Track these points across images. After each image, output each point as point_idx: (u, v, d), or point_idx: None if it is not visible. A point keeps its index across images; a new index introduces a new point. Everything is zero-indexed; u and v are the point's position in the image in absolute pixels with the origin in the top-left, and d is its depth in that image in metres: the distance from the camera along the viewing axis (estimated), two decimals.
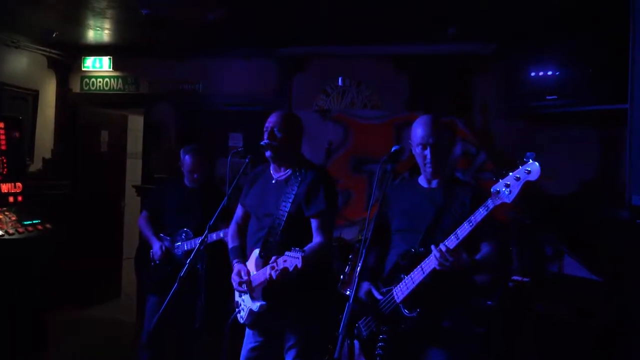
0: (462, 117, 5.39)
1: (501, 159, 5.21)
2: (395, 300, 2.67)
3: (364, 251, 2.44)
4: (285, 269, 2.65)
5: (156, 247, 4.20)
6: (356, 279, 2.40)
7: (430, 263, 2.54)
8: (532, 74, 4.76)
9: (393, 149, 2.70)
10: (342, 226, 5.25)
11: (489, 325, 4.09)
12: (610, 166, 4.96)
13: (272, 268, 2.70)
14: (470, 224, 2.46)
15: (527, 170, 2.37)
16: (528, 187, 2.41)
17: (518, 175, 2.38)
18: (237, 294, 3.08)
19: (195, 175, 4.27)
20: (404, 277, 2.65)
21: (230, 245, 3.24)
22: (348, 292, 3.62)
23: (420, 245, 2.64)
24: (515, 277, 4.50)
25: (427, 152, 2.72)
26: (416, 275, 2.60)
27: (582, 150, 5.04)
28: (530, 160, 2.37)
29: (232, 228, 3.33)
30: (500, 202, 2.41)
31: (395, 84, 5.64)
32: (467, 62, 5.40)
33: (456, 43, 5.31)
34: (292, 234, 2.91)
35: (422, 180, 2.87)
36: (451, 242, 2.49)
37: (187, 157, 4.30)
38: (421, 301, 2.62)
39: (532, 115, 5.11)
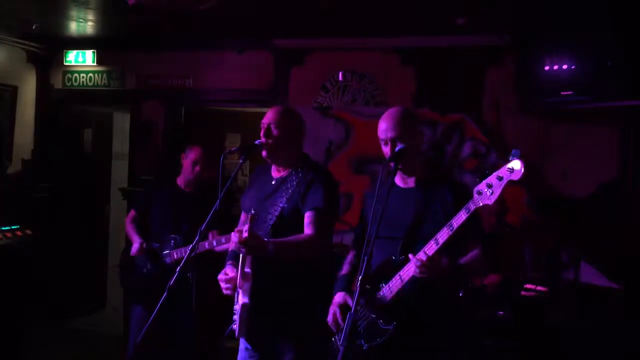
0: (472, 114, 5.41)
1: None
2: (373, 312, 2.67)
3: (365, 258, 2.46)
4: (244, 239, 2.68)
5: (135, 245, 4.21)
6: (358, 288, 2.42)
7: (409, 271, 2.53)
8: (547, 67, 4.78)
9: (397, 148, 2.71)
10: (343, 231, 5.26)
11: (500, 336, 4.11)
12: (630, 166, 4.98)
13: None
14: (451, 229, 2.45)
15: (510, 169, 2.36)
16: (544, 189, 2.42)
17: (500, 175, 2.37)
18: (235, 302, 3.10)
19: (194, 175, 4.26)
20: (382, 286, 2.65)
21: (230, 250, 3.27)
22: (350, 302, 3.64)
23: (401, 253, 2.62)
24: (528, 285, 4.52)
25: (387, 148, 2.70)
26: (394, 285, 2.59)
27: (601, 149, 5.06)
28: (515, 158, 2.34)
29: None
30: (482, 203, 2.39)
31: (400, 79, 5.66)
32: (478, 55, 5.42)
33: (466, 35, 5.33)
34: (285, 232, 2.92)
35: (398, 180, 2.83)
36: (430, 248, 2.48)
37: (192, 151, 4.30)
38: (399, 312, 2.60)
39: (547, 111, 5.13)
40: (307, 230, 2.93)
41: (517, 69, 5.24)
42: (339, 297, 2.80)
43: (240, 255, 2.94)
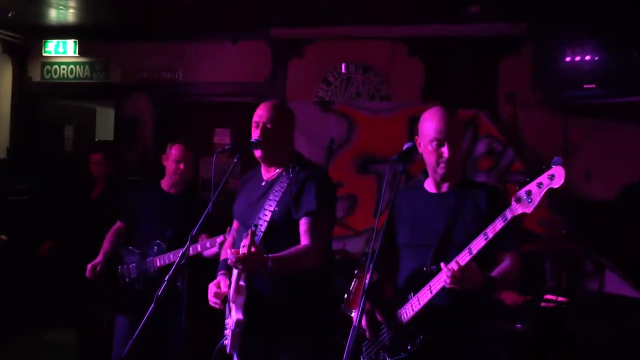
0: (486, 109, 5.39)
1: (532, 158, 5.21)
2: (400, 323, 2.69)
3: (371, 266, 2.45)
4: (242, 257, 2.65)
5: (91, 264, 4.23)
6: (363, 299, 2.41)
7: (439, 281, 2.55)
8: (568, 58, 4.76)
9: (405, 146, 2.70)
10: (346, 237, 5.26)
11: (518, 351, 4.09)
12: None
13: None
14: (486, 237, 2.48)
15: (551, 175, 2.39)
16: (563, 192, 2.42)
17: (540, 182, 2.41)
18: (226, 316, 3.09)
19: (179, 174, 4.26)
20: (411, 297, 2.66)
21: (221, 257, 3.25)
22: (353, 314, 3.62)
23: (432, 262, 2.64)
24: (548, 296, 4.50)
25: (445, 149, 2.70)
26: (423, 295, 2.61)
27: (626, 148, 5.05)
28: (557, 165, 2.38)
29: (227, 241, 3.35)
30: (520, 212, 2.43)
31: (408, 71, 5.65)
32: (493, 45, 5.41)
33: (479, 23, 5.32)
34: (277, 239, 2.90)
35: (429, 185, 2.86)
36: (463, 257, 2.50)
37: (173, 148, 4.30)
38: (427, 326, 2.62)
39: (567, 106, 5.12)
40: (304, 239, 2.91)
41: (535, 60, 5.24)
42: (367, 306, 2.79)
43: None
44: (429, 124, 2.73)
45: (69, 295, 5.40)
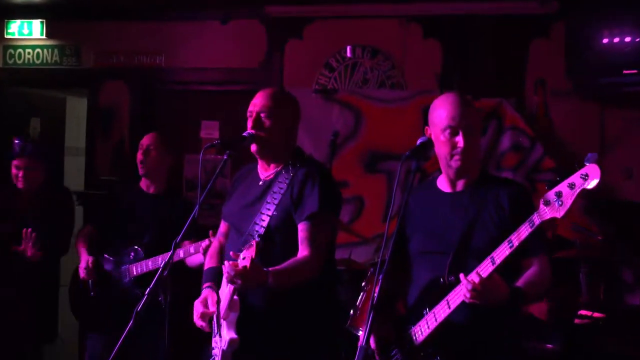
0: (512, 98, 5.40)
1: (564, 154, 5.22)
2: (413, 343, 2.69)
3: (380, 277, 2.46)
4: (243, 271, 2.64)
5: (82, 261, 4.23)
6: (371, 315, 2.42)
7: (458, 295, 2.55)
8: (605, 40, 4.76)
9: (420, 140, 2.72)
10: (352, 244, 5.26)
11: None
12: None
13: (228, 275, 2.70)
14: (511, 246, 2.47)
15: (584, 175, 2.38)
16: (599, 193, 2.43)
17: (572, 182, 2.39)
18: (213, 334, 3.10)
19: (148, 162, 4.26)
20: (426, 313, 2.66)
21: (205, 267, 3.26)
22: (360, 333, 3.63)
23: (450, 273, 2.64)
24: (583, 312, 4.51)
25: (459, 137, 2.69)
26: (440, 312, 2.61)
27: None
28: (591, 163, 2.37)
29: (212, 246, 3.36)
30: (550, 216, 2.43)
31: (423, 55, 5.66)
32: (519, 26, 5.42)
33: (505, 0, 5.32)
34: (274, 248, 2.91)
35: (442, 183, 2.85)
36: (485, 268, 2.50)
37: (144, 139, 4.32)
38: (444, 346, 2.62)
39: (604, 95, 5.13)
40: (302, 248, 2.92)
41: (567, 42, 5.23)
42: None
43: (224, 280, 2.94)
44: (441, 110, 2.73)
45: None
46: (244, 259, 2.69)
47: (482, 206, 2.70)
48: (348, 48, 5.79)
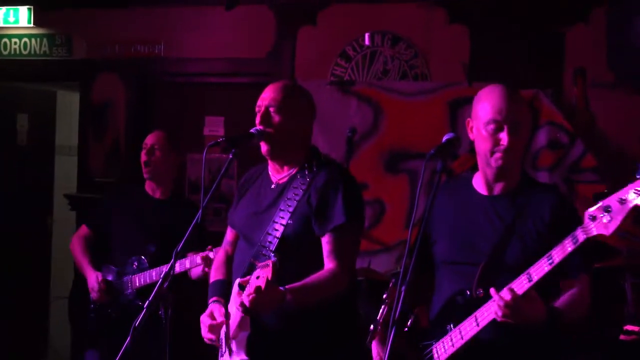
0: (548, 90, 5.37)
1: (607, 151, 5.19)
2: None
3: (403, 289, 2.45)
4: (259, 291, 2.60)
5: (91, 280, 4.24)
6: (392, 332, 2.42)
7: (488, 312, 2.53)
8: None
9: (446, 137, 2.70)
10: (371, 252, 5.26)
11: None
12: None
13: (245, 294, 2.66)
14: (551, 262, 2.44)
15: (638, 190, 2.34)
16: None
17: (623, 197, 2.33)
18: (220, 352, 3.10)
19: (153, 164, 4.28)
20: (450, 329, 2.65)
21: (211, 280, 3.27)
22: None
23: (478, 285, 2.62)
24: (629, 327, 4.49)
25: (504, 134, 2.67)
26: (467, 329, 2.59)
27: None
28: None
29: (218, 256, 3.37)
30: (596, 233, 2.38)
31: (449, 43, 5.65)
32: (556, 9, 5.40)
33: None
34: (289, 262, 2.87)
35: (478, 183, 2.83)
36: (520, 285, 2.48)
37: (148, 138, 4.33)
38: None
39: None
40: (329, 262, 2.92)
41: (609, 28, 5.22)
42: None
43: (234, 294, 2.94)
44: (485, 103, 2.71)
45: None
46: (258, 278, 2.65)
47: (520, 215, 2.69)
48: (366, 35, 5.78)
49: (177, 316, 3.59)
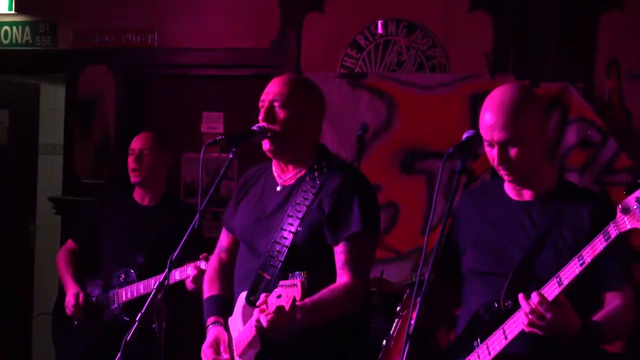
0: (579, 83, 5.38)
1: None
2: None
3: (419, 301, 2.46)
4: (280, 311, 2.58)
5: (68, 295, 4.28)
6: (407, 347, 2.42)
7: (516, 324, 2.53)
8: None
9: (465, 135, 2.70)
10: (384, 261, 5.26)
11: None
12: None
13: (261, 311, 2.62)
14: (582, 262, 2.42)
15: None
16: None
17: None
18: None
19: (140, 169, 4.30)
20: (477, 345, 2.65)
21: (205, 295, 3.25)
22: None
23: (507, 297, 2.63)
24: None
25: (494, 152, 2.67)
26: (495, 343, 2.59)
27: None
28: None
29: (210, 266, 3.35)
30: (630, 227, 2.35)
31: (470, 32, 5.66)
32: None
33: None
34: (302, 269, 2.82)
35: (509, 188, 2.83)
36: (551, 290, 2.47)
37: (134, 142, 4.36)
38: None
39: None
40: (343, 274, 2.91)
41: None
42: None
43: (239, 307, 2.96)
44: (482, 113, 2.71)
45: None
46: (279, 297, 2.60)
47: (555, 222, 2.68)
48: (379, 23, 5.78)
49: (172, 330, 3.61)
